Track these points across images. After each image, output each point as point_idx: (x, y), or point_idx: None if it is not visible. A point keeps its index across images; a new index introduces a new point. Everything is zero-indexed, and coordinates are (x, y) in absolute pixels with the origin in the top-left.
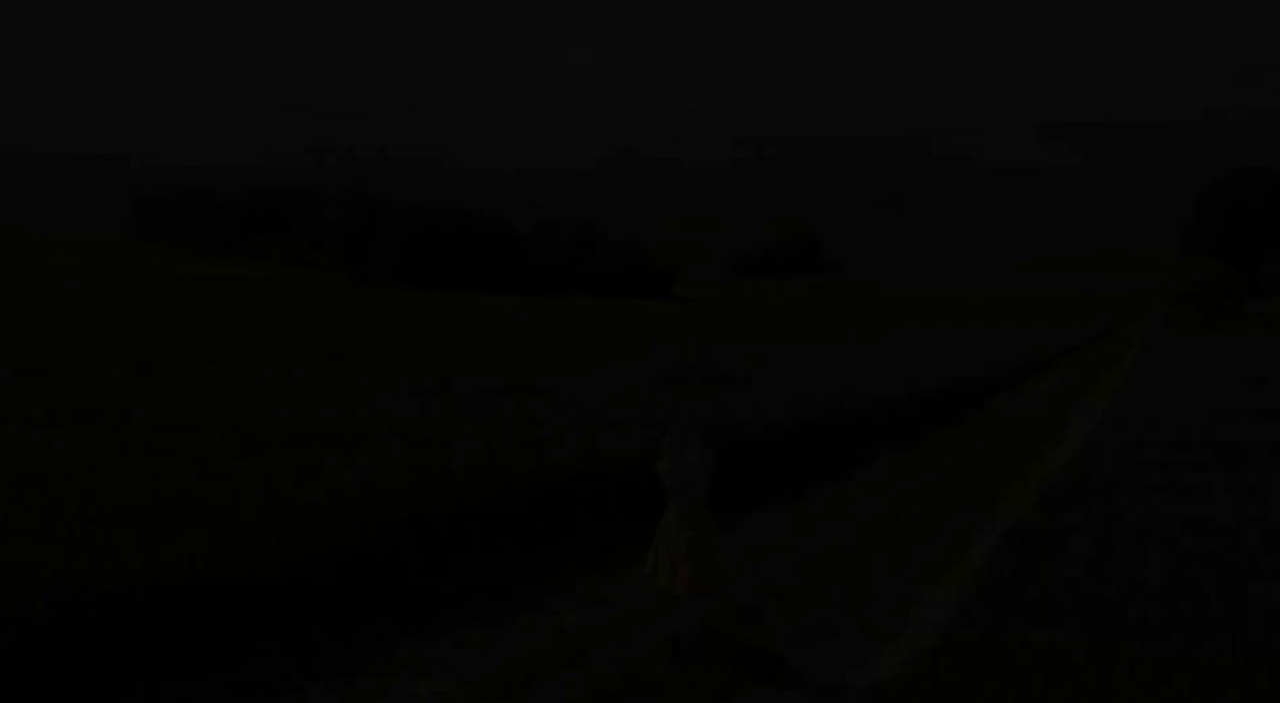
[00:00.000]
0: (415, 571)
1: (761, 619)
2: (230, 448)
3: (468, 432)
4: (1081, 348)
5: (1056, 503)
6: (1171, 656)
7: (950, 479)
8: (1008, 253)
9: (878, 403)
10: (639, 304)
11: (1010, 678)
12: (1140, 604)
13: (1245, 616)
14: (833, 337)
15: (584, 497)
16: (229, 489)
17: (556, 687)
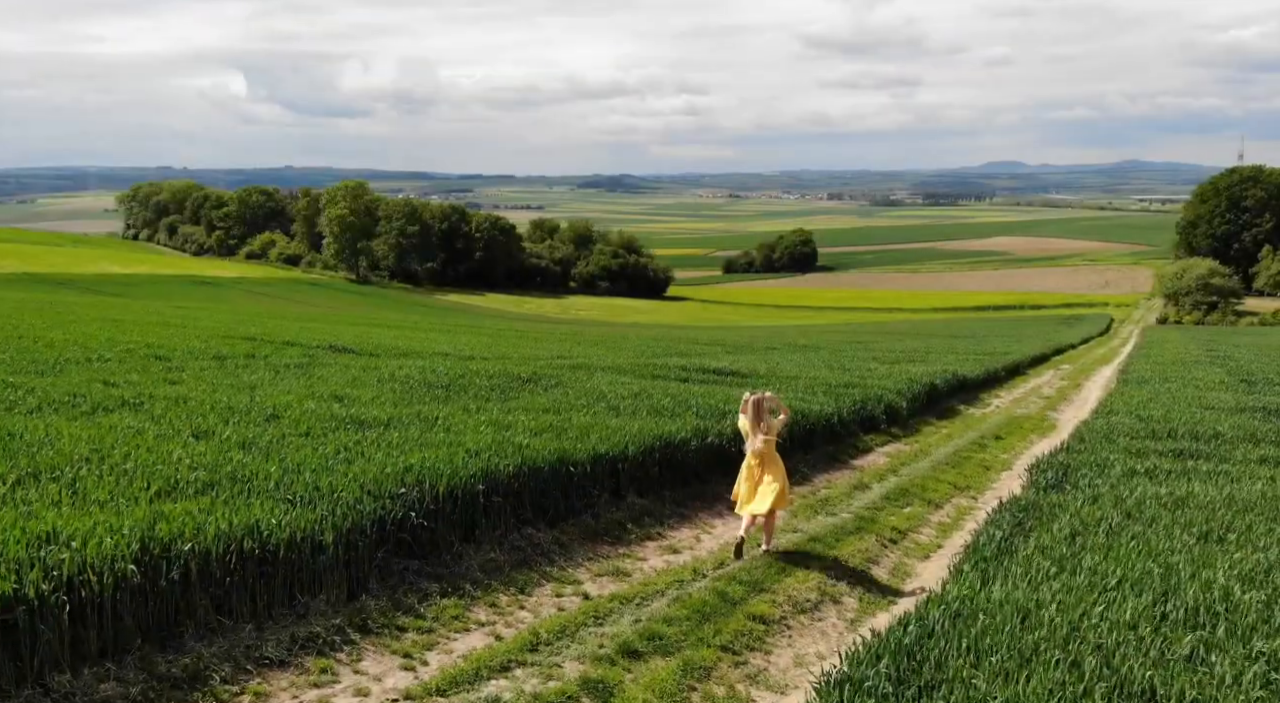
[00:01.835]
0: (451, 542)
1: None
2: (278, 433)
3: (484, 421)
4: (1076, 346)
5: (1044, 486)
6: (1140, 610)
7: (940, 468)
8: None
9: (873, 398)
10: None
11: (988, 628)
12: (1116, 567)
13: (1213, 579)
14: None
15: (593, 479)
16: (280, 467)
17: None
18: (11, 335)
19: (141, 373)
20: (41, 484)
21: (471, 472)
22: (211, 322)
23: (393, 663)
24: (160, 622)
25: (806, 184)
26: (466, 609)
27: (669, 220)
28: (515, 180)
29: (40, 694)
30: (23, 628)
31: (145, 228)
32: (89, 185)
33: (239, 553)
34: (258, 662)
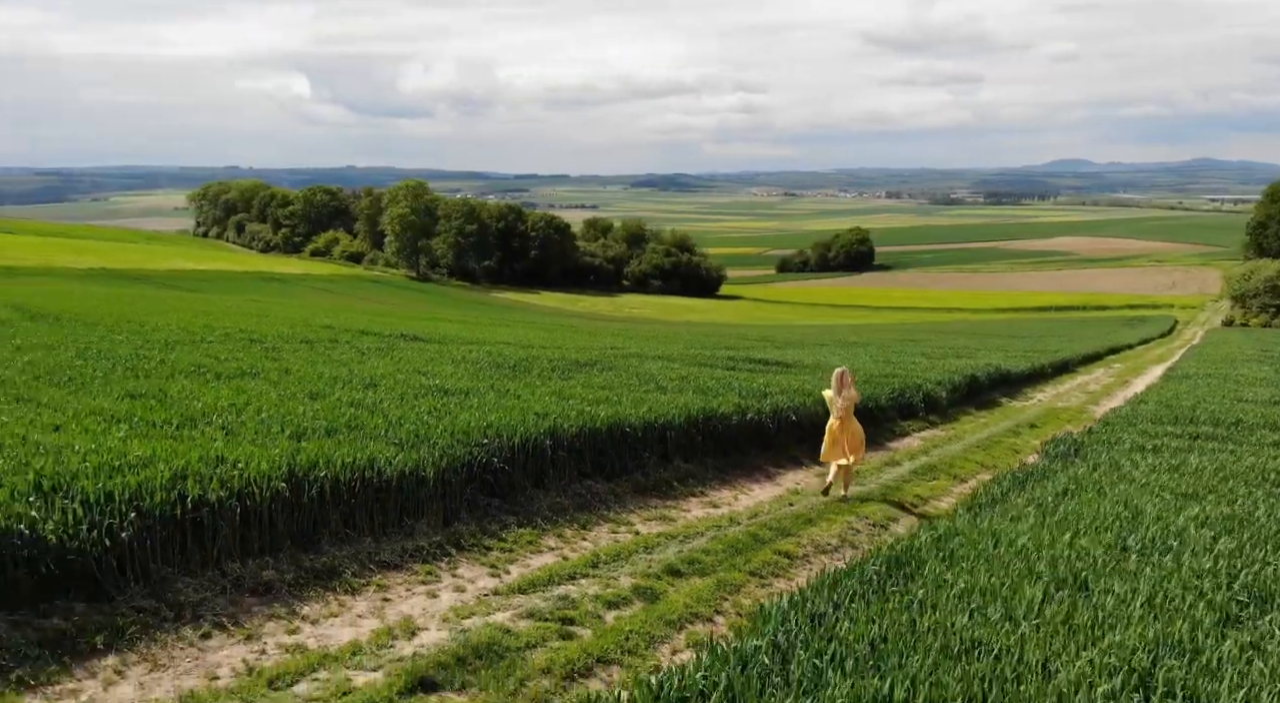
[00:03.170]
0: (524, 485)
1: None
2: (378, 396)
3: (548, 392)
4: (1134, 346)
5: (1056, 455)
6: (1100, 540)
7: (971, 450)
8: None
9: (911, 387)
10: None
11: (963, 545)
12: (1091, 512)
13: (1174, 521)
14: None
15: (643, 443)
16: (385, 420)
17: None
18: (120, 321)
19: (245, 351)
20: (199, 427)
21: (540, 429)
22: (286, 313)
23: (481, 571)
24: (303, 529)
25: (864, 182)
26: (538, 537)
27: (723, 219)
28: (570, 180)
29: (219, 576)
30: (207, 525)
31: (215, 226)
32: (160, 184)
33: (361, 481)
34: (378, 564)
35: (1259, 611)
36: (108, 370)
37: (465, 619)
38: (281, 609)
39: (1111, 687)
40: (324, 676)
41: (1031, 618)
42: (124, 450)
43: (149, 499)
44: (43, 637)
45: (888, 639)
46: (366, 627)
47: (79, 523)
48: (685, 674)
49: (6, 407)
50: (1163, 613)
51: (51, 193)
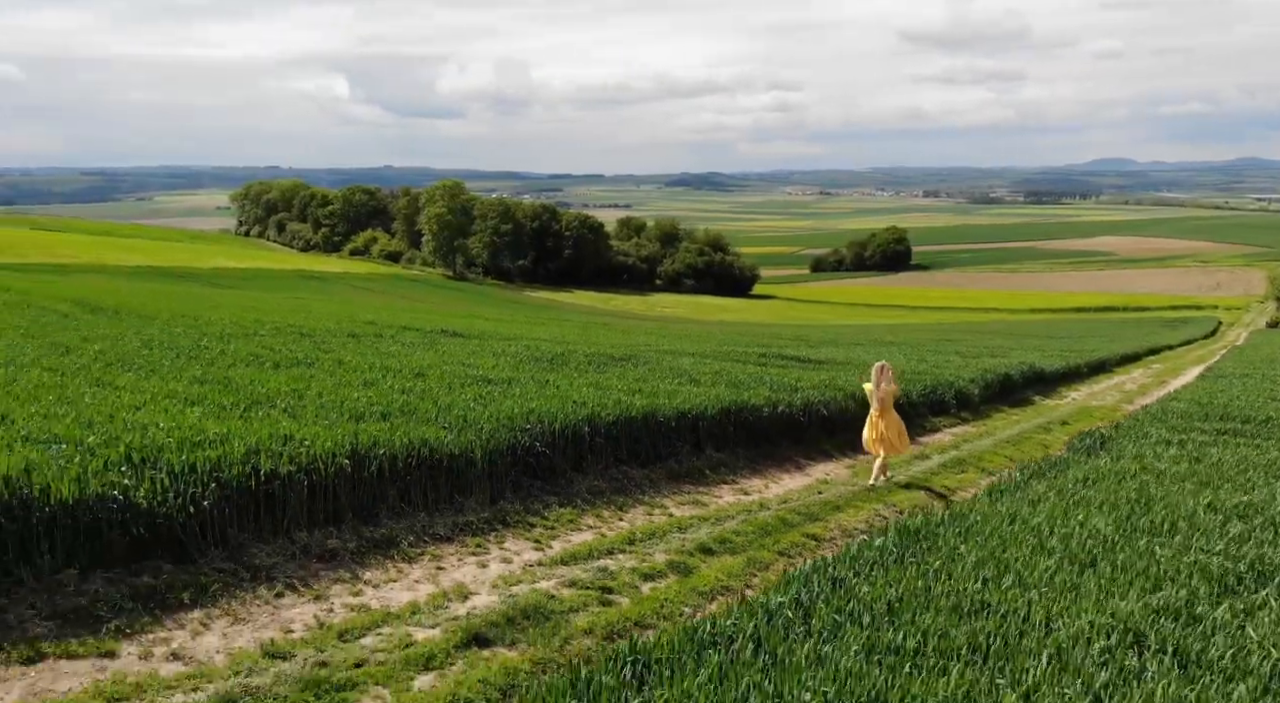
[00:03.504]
0: (564, 469)
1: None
2: (427, 384)
3: (585, 383)
4: (1175, 347)
5: (1081, 448)
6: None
7: (1001, 445)
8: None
9: (944, 384)
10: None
11: (978, 521)
12: (1107, 497)
13: (1185, 505)
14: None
15: (677, 433)
16: (435, 405)
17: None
18: (175, 315)
19: (296, 344)
20: (265, 409)
21: (579, 416)
22: (329, 310)
23: (526, 545)
24: (364, 503)
25: (900, 181)
26: (578, 517)
27: (757, 218)
28: (604, 180)
29: (288, 543)
30: (277, 496)
31: (256, 225)
32: (202, 184)
33: (416, 460)
34: (431, 536)
35: (1258, 584)
36: (173, 359)
37: (513, 586)
38: (346, 574)
39: (1108, 644)
40: (387, 631)
41: (1040, 586)
42: (201, 428)
43: (227, 471)
44: (135, 592)
45: (903, 600)
46: (423, 591)
47: (166, 491)
48: (716, 622)
49: (88, 390)
50: (1163, 584)
51: (97, 192)
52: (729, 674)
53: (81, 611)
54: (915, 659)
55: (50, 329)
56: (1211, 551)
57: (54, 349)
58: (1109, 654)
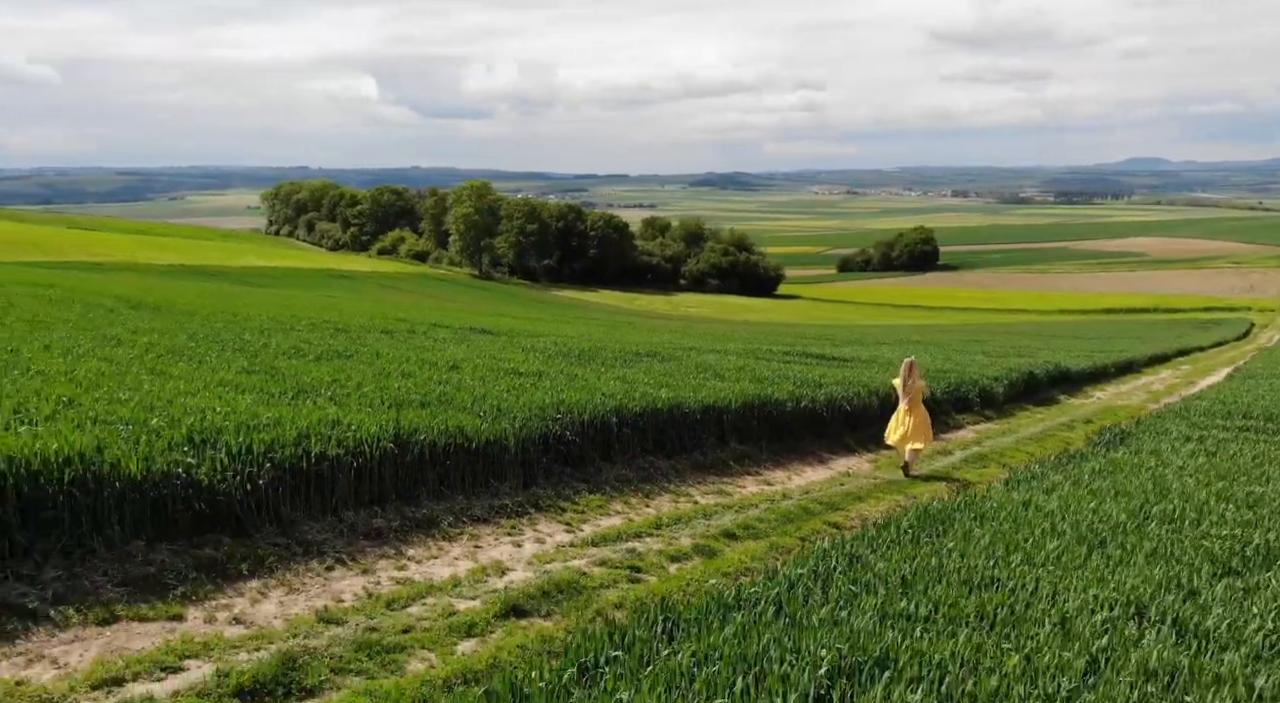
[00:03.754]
0: (593, 458)
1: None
2: (462, 376)
3: (613, 377)
4: (1205, 348)
5: (1100, 443)
6: (1122, 508)
7: (1023, 442)
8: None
9: (968, 382)
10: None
11: (993, 506)
12: (1121, 487)
13: (1196, 495)
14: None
15: (702, 425)
16: (470, 395)
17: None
18: (214, 311)
19: (333, 338)
20: (311, 397)
21: (607, 408)
22: (360, 308)
23: (558, 527)
24: (406, 485)
25: (928, 181)
26: (607, 503)
27: (783, 218)
28: (628, 180)
29: (337, 521)
30: (326, 477)
31: (286, 224)
32: (233, 184)
33: (454, 446)
34: (469, 517)
35: (1262, 567)
36: (219, 351)
37: (547, 564)
38: (390, 551)
39: (1110, 615)
40: (431, 601)
41: (1048, 564)
42: (255, 413)
43: (280, 453)
44: (198, 562)
45: (916, 575)
46: (463, 567)
47: (224, 470)
48: (740, 589)
49: (146, 378)
50: (1167, 564)
51: (130, 192)
52: (751, 632)
53: (150, 578)
54: (925, 624)
55: (99, 323)
56: (1218, 536)
57: (106, 341)
58: (1110, 624)
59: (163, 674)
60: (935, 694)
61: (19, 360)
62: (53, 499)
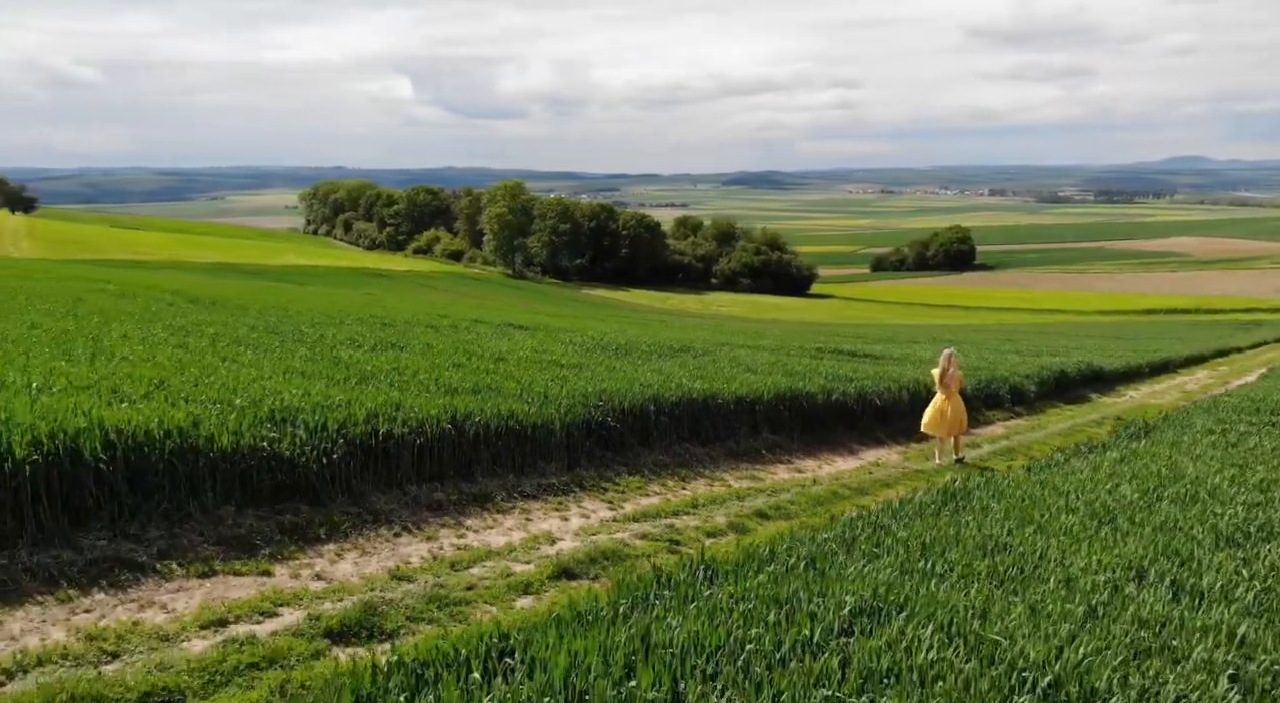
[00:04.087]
0: (632, 443)
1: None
2: (508, 366)
3: (650, 368)
4: (1244, 350)
5: (1125, 434)
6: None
7: (1052, 437)
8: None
9: (998, 379)
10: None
11: (1011, 484)
12: (1134, 471)
13: (1209, 478)
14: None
15: (735, 415)
16: (517, 383)
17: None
18: (266, 307)
19: (382, 332)
20: (373, 383)
21: (645, 396)
22: (401, 305)
23: (601, 504)
24: (462, 463)
25: (965, 180)
26: (645, 484)
27: (816, 217)
28: (660, 179)
29: (400, 493)
30: (392, 453)
31: (324, 224)
32: (271, 184)
33: (505, 428)
34: (520, 493)
35: (1262, 541)
36: (280, 342)
37: (592, 535)
38: (450, 520)
39: (1112, 576)
40: (490, 564)
41: (1059, 534)
42: (327, 395)
43: (352, 430)
44: (281, 526)
45: (935, 540)
46: (516, 536)
47: (303, 444)
48: (774, 547)
49: (220, 365)
50: (1172, 536)
51: (171, 192)
52: (783, 579)
53: (240, 539)
54: (940, 579)
55: (162, 316)
56: (1225, 514)
57: (176, 332)
58: (1112, 583)
59: (260, 618)
60: (945, 632)
61: (102, 348)
62: (155, 467)
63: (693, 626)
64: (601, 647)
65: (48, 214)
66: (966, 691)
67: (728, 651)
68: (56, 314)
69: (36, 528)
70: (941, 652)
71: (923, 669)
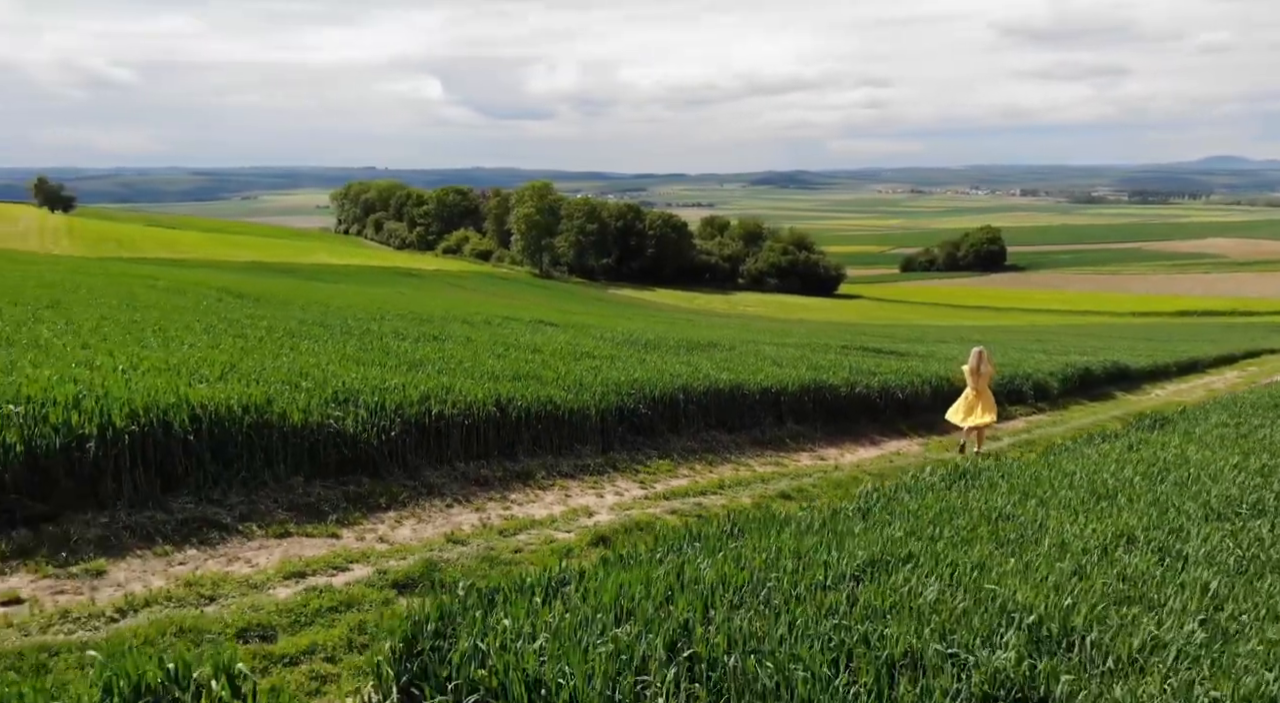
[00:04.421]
0: (662, 429)
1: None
2: (544, 357)
3: (678, 361)
4: (1278, 351)
5: (1141, 425)
6: (1140, 470)
7: (1073, 432)
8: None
9: (1021, 375)
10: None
11: (1018, 466)
12: (1140, 455)
13: (1213, 462)
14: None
15: (760, 405)
16: (554, 372)
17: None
18: (307, 302)
19: (422, 326)
20: (422, 370)
21: (674, 386)
22: (434, 302)
23: (633, 484)
24: (506, 443)
25: (997, 179)
26: (675, 467)
27: (844, 217)
28: (687, 179)
29: (451, 470)
30: (443, 432)
31: (354, 223)
32: (302, 184)
33: (545, 413)
34: (559, 473)
35: (1251, 517)
36: (330, 333)
37: (626, 510)
38: (496, 495)
39: (1103, 542)
40: (534, 532)
41: (1059, 508)
42: (384, 379)
43: (407, 410)
44: (346, 495)
45: (943, 512)
46: (557, 509)
47: (364, 423)
48: (793, 514)
49: (282, 353)
50: (1164, 509)
51: (204, 191)
52: (802, 537)
53: (310, 506)
54: (946, 541)
55: (214, 309)
56: (1221, 494)
57: (231, 324)
58: (1102, 547)
59: (334, 572)
60: (944, 581)
61: (169, 337)
62: (234, 439)
63: (721, 568)
64: (644, 580)
65: (85, 213)
66: (958, 624)
67: (751, 588)
68: (117, 307)
69: (133, 491)
70: (940, 595)
71: (921, 608)
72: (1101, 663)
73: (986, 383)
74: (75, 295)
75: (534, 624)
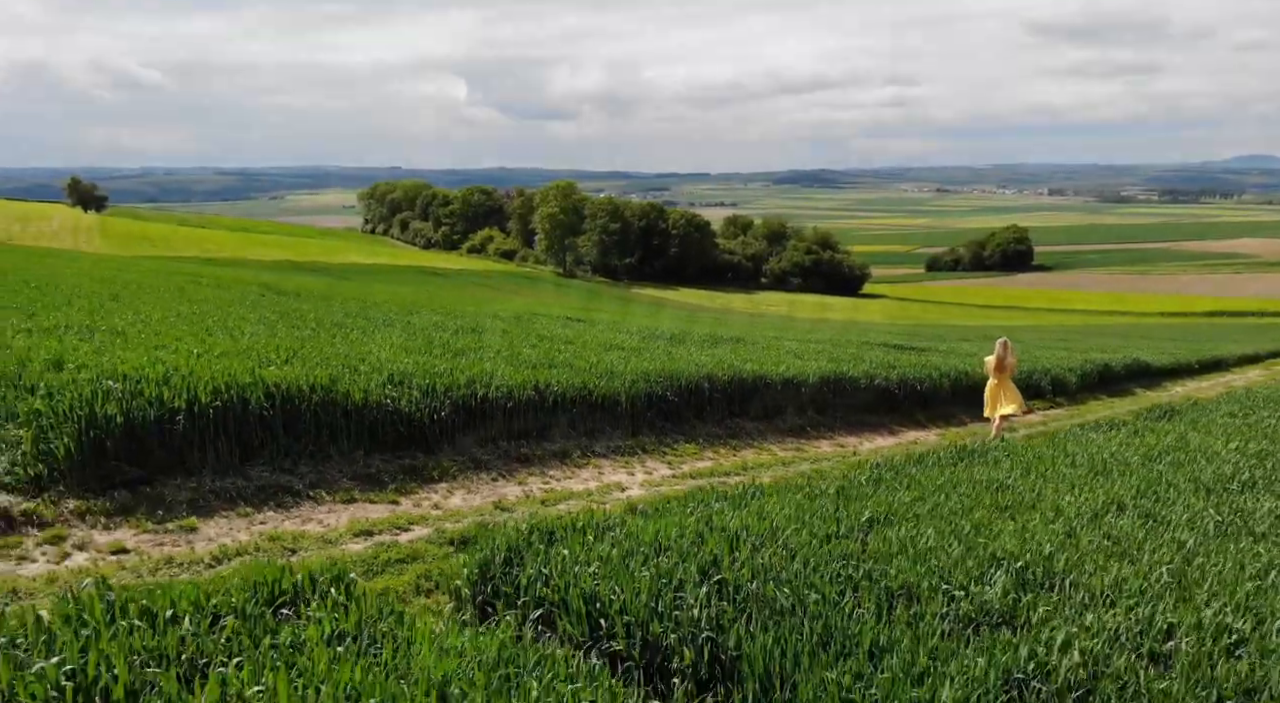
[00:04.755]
0: (688, 416)
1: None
2: (576, 348)
3: (703, 353)
4: None
5: (1150, 415)
6: (1141, 451)
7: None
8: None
9: (1040, 370)
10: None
11: (1024, 446)
12: (1143, 441)
13: (1212, 446)
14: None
15: (782, 395)
16: (586, 362)
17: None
18: (344, 298)
19: (457, 320)
20: (465, 358)
21: (700, 375)
22: (461, 299)
23: (661, 464)
24: (543, 425)
25: (1025, 179)
26: (700, 451)
27: (870, 216)
28: (711, 178)
29: (494, 447)
30: (487, 413)
31: (381, 223)
32: (329, 184)
33: (579, 398)
34: (592, 453)
35: (1239, 493)
36: (375, 326)
37: (656, 486)
38: (536, 471)
39: (1095, 508)
40: (574, 502)
41: (1057, 482)
42: (433, 364)
43: (456, 392)
44: (402, 468)
45: (948, 483)
46: (592, 484)
47: (417, 403)
48: (810, 481)
49: (334, 341)
50: (1156, 483)
51: (233, 191)
52: (816, 499)
53: (371, 477)
54: (949, 506)
55: (260, 304)
56: (1213, 472)
57: (283, 316)
58: (1093, 512)
59: (397, 532)
60: (946, 536)
61: (229, 327)
62: (304, 416)
63: (744, 518)
64: (678, 525)
65: (116, 212)
66: (954, 567)
67: (770, 535)
68: (173, 301)
69: (216, 460)
70: (938, 544)
71: (921, 552)
72: (1076, 598)
73: (1010, 375)
74: (129, 291)
75: (588, 554)
